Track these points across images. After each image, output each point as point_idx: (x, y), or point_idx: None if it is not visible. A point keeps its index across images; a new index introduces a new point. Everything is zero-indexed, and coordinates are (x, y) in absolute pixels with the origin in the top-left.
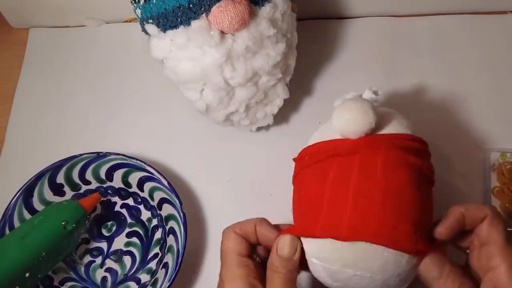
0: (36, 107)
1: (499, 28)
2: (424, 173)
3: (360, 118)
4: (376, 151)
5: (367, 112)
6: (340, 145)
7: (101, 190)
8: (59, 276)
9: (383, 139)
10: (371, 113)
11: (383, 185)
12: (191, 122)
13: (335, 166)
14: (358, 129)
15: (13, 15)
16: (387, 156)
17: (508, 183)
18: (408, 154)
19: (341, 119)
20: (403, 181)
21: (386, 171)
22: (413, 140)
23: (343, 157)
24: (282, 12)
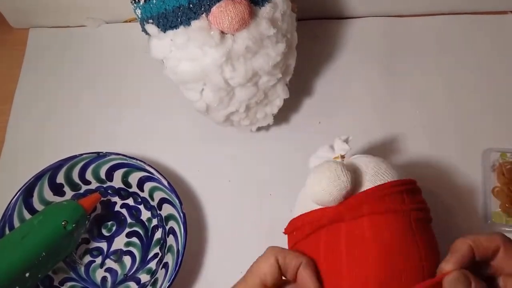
0: (36, 107)
1: (499, 28)
2: (414, 215)
3: (333, 187)
4: (359, 213)
5: (339, 177)
6: (322, 215)
7: (101, 190)
8: (59, 276)
9: (363, 198)
10: (343, 177)
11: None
12: (191, 122)
13: (322, 240)
14: (333, 197)
15: (13, 15)
16: (372, 217)
17: (508, 183)
18: (393, 204)
19: (315, 191)
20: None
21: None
22: (395, 186)
23: (327, 227)
24: (282, 12)
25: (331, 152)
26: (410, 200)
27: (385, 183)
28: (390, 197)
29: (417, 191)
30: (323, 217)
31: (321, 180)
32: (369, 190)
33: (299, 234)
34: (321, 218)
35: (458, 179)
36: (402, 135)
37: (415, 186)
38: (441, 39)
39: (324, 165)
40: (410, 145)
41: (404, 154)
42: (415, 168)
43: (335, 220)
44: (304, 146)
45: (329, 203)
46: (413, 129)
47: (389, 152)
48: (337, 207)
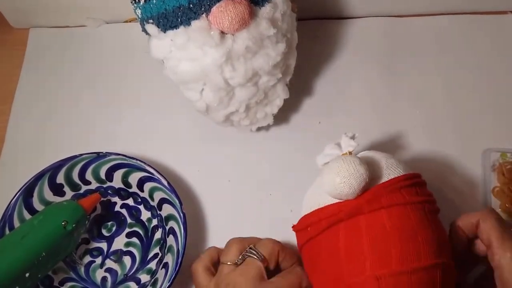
0: (36, 107)
1: (499, 28)
2: (428, 206)
3: (353, 179)
4: (378, 206)
5: (357, 170)
6: (339, 209)
7: (101, 190)
8: (59, 276)
9: (380, 190)
10: (362, 170)
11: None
12: (191, 122)
13: (341, 233)
14: (353, 190)
15: (13, 15)
16: (390, 209)
17: (508, 183)
18: (408, 196)
19: (334, 185)
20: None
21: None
22: (407, 179)
23: (346, 221)
24: (282, 12)
25: (338, 149)
26: (422, 192)
27: (399, 176)
28: (405, 190)
29: (424, 184)
30: (341, 210)
31: (340, 173)
32: (385, 183)
33: (314, 229)
34: (340, 212)
35: (458, 179)
36: (402, 135)
37: (422, 179)
38: (441, 39)
39: (340, 159)
40: (410, 145)
41: (404, 154)
42: (415, 168)
43: (354, 213)
44: (304, 146)
45: (348, 195)
46: (413, 129)
47: (389, 152)
48: (356, 200)
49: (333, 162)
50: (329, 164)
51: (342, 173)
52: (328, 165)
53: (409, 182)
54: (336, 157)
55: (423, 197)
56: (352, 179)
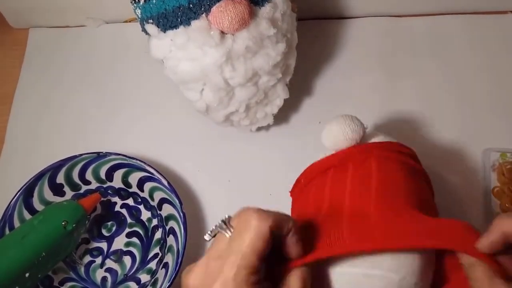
0: (36, 107)
1: (499, 28)
2: (419, 171)
3: (348, 127)
4: (368, 155)
5: (354, 122)
6: (331, 158)
7: (101, 190)
8: (59, 276)
9: (373, 146)
10: (358, 123)
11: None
12: (191, 122)
13: (329, 177)
14: (348, 137)
15: (13, 15)
16: (380, 160)
17: (508, 183)
18: (400, 155)
19: (331, 133)
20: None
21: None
22: (402, 146)
23: (336, 167)
24: (282, 12)
25: None
26: (414, 162)
27: (396, 142)
28: (398, 153)
29: (420, 163)
30: (333, 157)
31: (338, 123)
32: (381, 142)
33: (307, 178)
34: (331, 160)
35: (458, 179)
36: (402, 135)
37: (417, 157)
38: (441, 39)
39: (340, 115)
40: (410, 144)
41: None
42: None
43: (345, 159)
44: (304, 146)
45: (342, 142)
46: (413, 129)
47: None
48: (349, 149)
49: (333, 118)
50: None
51: (339, 123)
52: (329, 121)
53: (404, 149)
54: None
55: (415, 164)
56: (348, 128)
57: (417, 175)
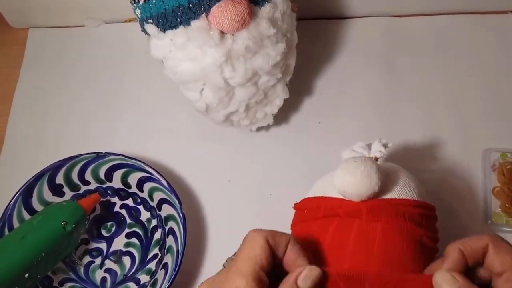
0: (35, 107)
1: (499, 28)
2: (426, 242)
3: (363, 183)
4: (376, 218)
5: (370, 176)
6: (340, 206)
7: (100, 191)
8: (58, 277)
9: (385, 205)
10: (375, 179)
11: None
12: (191, 122)
13: (333, 226)
14: (359, 193)
15: (13, 15)
16: (387, 225)
17: (508, 183)
18: (410, 223)
19: (343, 181)
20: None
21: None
22: (417, 207)
23: (341, 219)
24: (282, 12)
25: (367, 151)
26: (426, 225)
27: (410, 199)
28: (410, 215)
29: (434, 218)
30: (341, 207)
31: (355, 173)
32: (393, 200)
33: (311, 214)
34: (339, 208)
35: (458, 179)
36: (402, 135)
37: (434, 213)
38: (441, 39)
39: (361, 160)
40: (410, 144)
41: (404, 154)
42: (415, 168)
43: (352, 215)
44: (304, 146)
45: (352, 196)
46: (413, 129)
47: (389, 152)
48: (358, 204)
49: (352, 159)
50: (348, 159)
51: (354, 174)
52: (347, 161)
53: (417, 210)
54: (360, 157)
55: (424, 230)
56: (362, 183)
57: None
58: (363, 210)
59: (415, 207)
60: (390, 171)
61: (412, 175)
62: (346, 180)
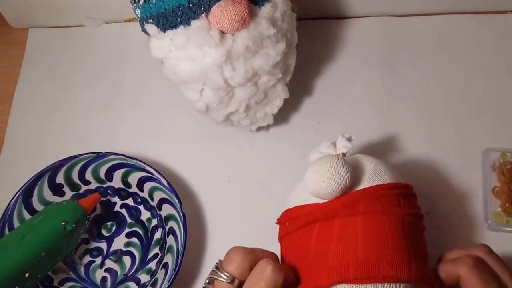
0: (35, 107)
1: (499, 28)
2: (410, 221)
3: (332, 180)
4: (354, 211)
5: (339, 172)
6: (317, 209)
7: (100, 190)
8: (58, 276)
9: (360, 196)
10: (344, 172)
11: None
12: (191, 122)
13: (315, 234)
14: (331, 191)
15: (13, 15)
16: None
17: (508, 183)
18: (389, 206)
19: (314, 182)
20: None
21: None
22: (392, 188)
23: (321, 222)
24: (282, 12)
25: (333, 149)
26: (405, 204)
27: (383, 183)
28: (386, 199)
29: (413, 196)
30: (317, 211)
31: (321, 172)
32: (366, 189)
33: (292, 225)
34: (316, 212)
35: (458, 179)
36: (402, 135)
37: (411, 191)
38: (441, 39)
39: (326, 158)
40: (410, 144)
41: (404, 154)
42: (415, 168)
43: (330, 215)
44: (304, 146)
45: (325, 195)
46: (413, 129)
47: (389, 151)
48: (333, 202)
49: (318, 160)
50: (316, 160)
51: (322, 172)
52: (315, 162)
53: (393, 192)
54: (325, 155)
55: (405, 209)
56: (331, 180)
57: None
58: (340, 207)
59: (390, 189)
60: (358, 163)
61: (380, 160)
62: (316, 181)
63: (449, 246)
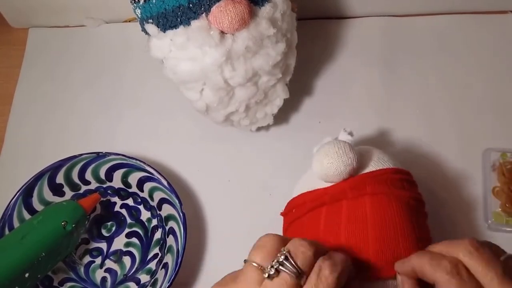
0: (36, 107)
1: (499, 28)
2: (414, 204)
3: (340, 161)
4: (362, 192)
5: (346, 154)
6: (324, 193)
7: (100, 190)
8: (58, 277)
9: (366, 178)
10: (351, 155)
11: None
12: (191, 122)
13: (323, 215)
14: (339, 172)
15: (13, 15)
16: (374, 196)
17: (508, 183)
18: (394, 188)
19: (321, 165)
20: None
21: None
22: (396, 173)
23: (329, 205)
24: (282, 12)
25: None
26: (409, 188)
27: (388, 167)
28: (392, 182)
29: (414, 184)
30: (325, 194)
31: (330, 154)
32: (373, 172)
33: (299, 211)
34: (324, 195)
35: (458, 179)
36: (402, 135)
37: (412, 178)
38: (441, 39)
39: (333, 142)
40: (410, 144)
41: (404, 154)
42: (415, 168)
43: (338, 197)
44: (304, 146)
45: (334, 177)
46: (413, 129)
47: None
48: (341, 184)
49: (325, 144)
50: (323, 145)
51: (330, 155)
52: (320, 148)
53: (397, 176)
54: (329, 141)
55: (409, 192)
56: (339, 161)
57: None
58: (347, 189)
59: (394, 173)
60: (363, 151)
61: (383, 150)
62: (324, 163)
63: None
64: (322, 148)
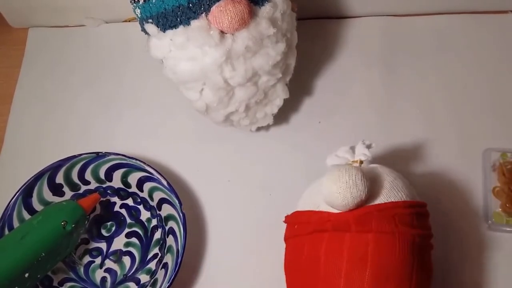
0: (35, 106)
1: (499, 28)
2: (419, 242)
3: (349, 193)
4: (366, 228)
5: (356, 185)
6: (328, 219)
7: (100, 190)
8: (58, 277)
9: (373, 212)
10: (361, 187)
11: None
12: (191, 122)
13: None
14: (346, 203)
15: (13, 15)
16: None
17: (508, 183)
18: (401, 225)
19: (329, 192)
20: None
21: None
22: (407, 207)
23: (331, 233)
24: (282, 11)
25: (351, 154)
26: (418, 224)
27: (399, 201)
28: (400, 218)
29: (426, 215)
30: (329, 221)
31: (338, 183)
32: (381, 205)
33: (301, 229)
34: (327, 222)
35: (458, 179)
36: (402, 135)
37: (425, 209)
38: (441, 39)
39: (345, 169)
40: (410, 144)
41: (404, 154)
42: (415, 168)
43: (341, 228)
44: (304, 146)
45: (340, 207)
46: (413, 129)
47: (389, 151)
48: (346, 215)
49: (337, 168)
50: (333, 168)
51: (340, 183)
52: (332, 170)
53: (407, 211)
54: (344, 165)
55: (416, 230)
56: (348, 192)
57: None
58: (352, 222)
59: (405, 207)
60: (376, 175)
61: (398, 174)
62: (333, 190)
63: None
64: (333, 172)
